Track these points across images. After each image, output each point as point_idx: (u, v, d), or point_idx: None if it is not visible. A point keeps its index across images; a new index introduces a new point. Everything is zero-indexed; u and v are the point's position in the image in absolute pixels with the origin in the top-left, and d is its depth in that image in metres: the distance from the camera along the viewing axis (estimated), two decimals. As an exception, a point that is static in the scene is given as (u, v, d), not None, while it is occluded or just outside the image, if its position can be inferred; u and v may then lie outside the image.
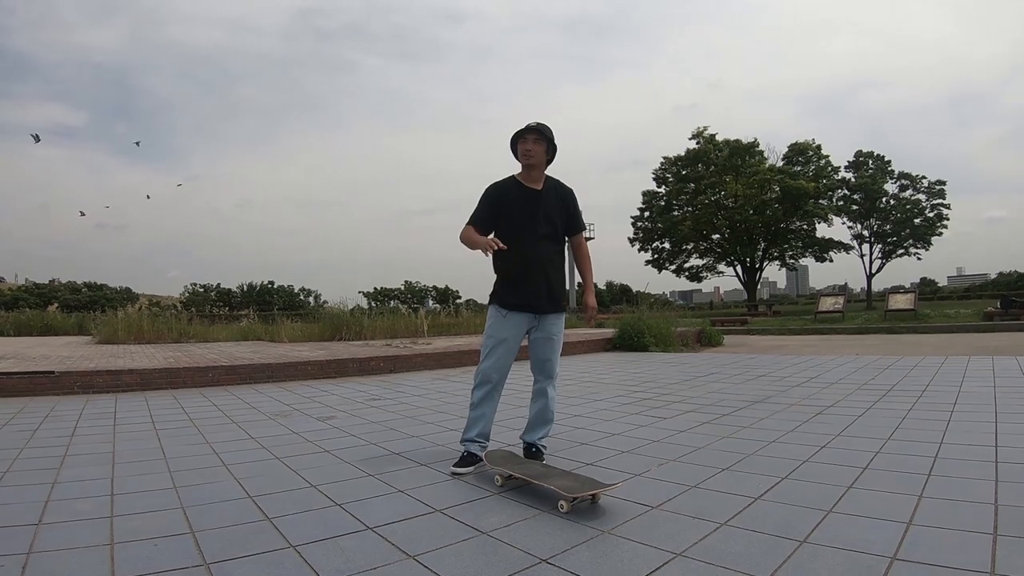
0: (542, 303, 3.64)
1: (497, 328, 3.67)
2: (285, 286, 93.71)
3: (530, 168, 3.70)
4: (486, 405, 3.71)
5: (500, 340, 3.65)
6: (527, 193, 3.70)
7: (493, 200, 3.70)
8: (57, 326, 21.16)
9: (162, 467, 3.72)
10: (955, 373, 7.10)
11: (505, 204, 3.68)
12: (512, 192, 3.70)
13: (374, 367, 9.11)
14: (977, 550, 2.20)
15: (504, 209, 3.67)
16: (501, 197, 3.70)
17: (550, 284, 3.67)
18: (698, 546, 2.35)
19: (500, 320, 3.67)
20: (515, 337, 3.67)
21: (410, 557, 2.31)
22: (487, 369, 3.68)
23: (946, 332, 17.42)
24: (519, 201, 3.67)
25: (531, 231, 3.63)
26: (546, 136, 3.68)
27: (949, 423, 4.39)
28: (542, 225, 3.67)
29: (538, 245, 3.64)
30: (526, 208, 3.66)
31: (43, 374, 6.96)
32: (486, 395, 3.70)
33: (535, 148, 3.66)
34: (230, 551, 2.38)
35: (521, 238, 3.62)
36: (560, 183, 3.86)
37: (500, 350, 3.66)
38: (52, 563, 2.28)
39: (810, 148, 48.77)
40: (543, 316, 3.67)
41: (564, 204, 3.81)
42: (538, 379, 3.77)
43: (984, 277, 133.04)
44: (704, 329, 15.46)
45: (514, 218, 3.65)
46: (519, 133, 3.69)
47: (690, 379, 7.62)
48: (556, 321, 3.73)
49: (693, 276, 54.22)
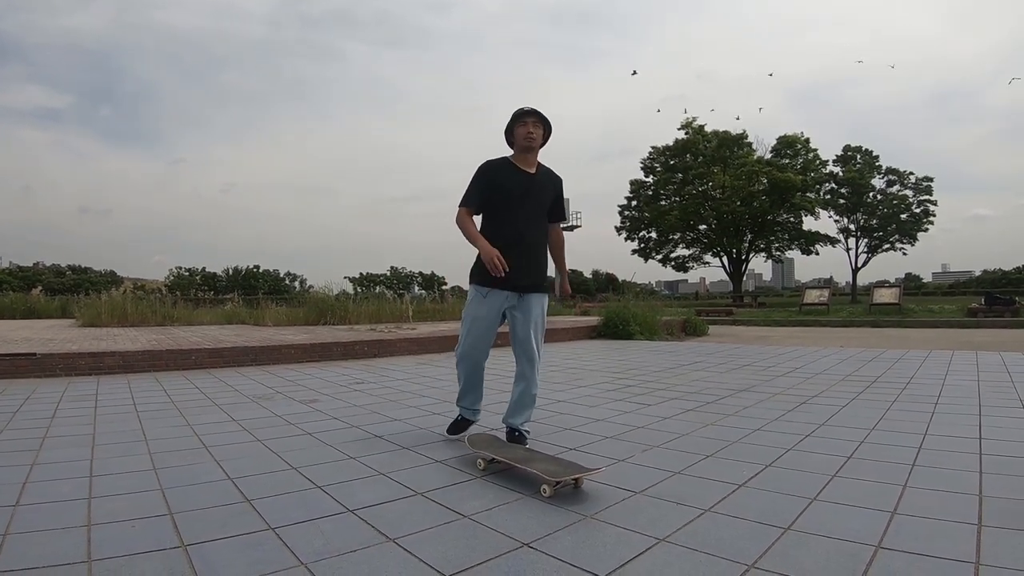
0: (522, 281, 3.63)
1: (476, 306, 3.69)
2: (271, 270, 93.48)
3: (528, 151, 3.69)
4: (471, 379, 3.80)
5: (477, 317, 3.68)
6: (521, 176, 3.69)
7: (487, 179, 3.69)
8: (41, 309, 20.90)
9: (142, 449, 3.67)
10: (939, 367, 7.14)
11: (498, 183, 3.66)
12: (505, 172, 3.69)
13: (358, 351, 9.06)
14: (962, 540, 2.20)
15: (496, 188, 3.66)
16: (495, 176, 3.68)
17: (531, 264, 3.66)
18: (681, 531, 2.34)
19: (479, 298, 3.67)
20: (494, 315, 3.67)
21: (390, 540, 2.28)
22: (466, 347, 3.73)
23: (930, 327, 17.57)
24: (513, 182, 3.66)
25: (520, 213, 3.63)
26: (544, 119, 3.68)
27: (933, 415, 4.41)
28: (531, 208, 3.67)
29: (525, 226, 3.62)
30: (518, 189, 3.65)
31: (25, 356, 6.87)
32: (469, 370, 3.77)
33: (536, 131, 3.66)
34: (208, 533, 2.35)
35: (509, 218, 3.62)
36: (551, 170, 3.86)
37: (478, 327, 3.68)
38: (28, 544, 2.24)
39: (798, 141, 48.86)
40: (523, 296, 3.66)
41: (554, 191, 3.82)
42: (519, 361, 3.76)
43: (968, 274, 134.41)
44: (689, 319, 15.50)
45: (505, 198, 3.64)
46: (518, 116, 3.66)
47: (675, 367, 7.62)
48: (537, 301, 3.71)
49: (679, 266, 54.33)
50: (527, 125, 3.64)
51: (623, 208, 54.33)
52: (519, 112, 3.68)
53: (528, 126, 3.64)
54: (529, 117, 3.65)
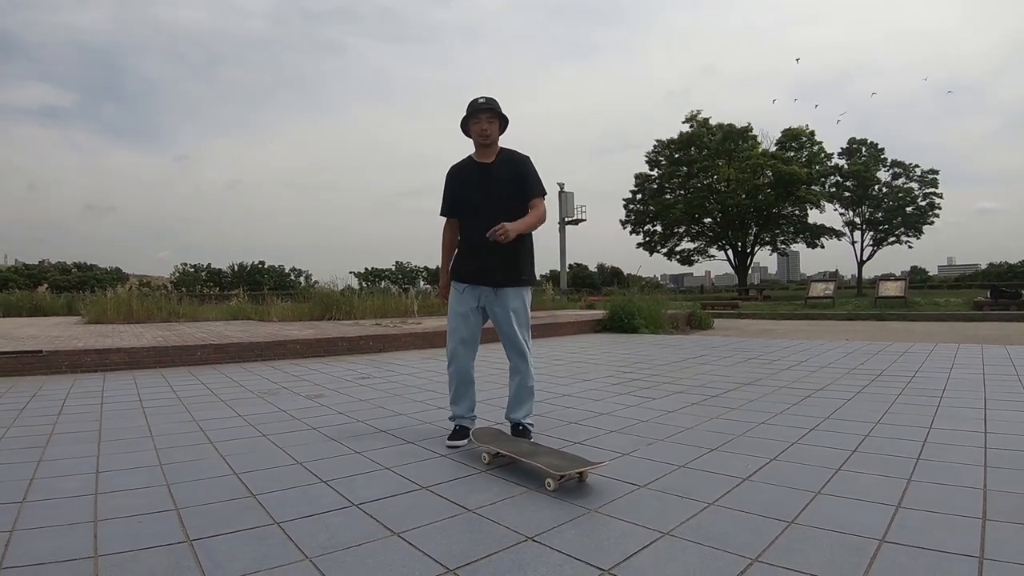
0: (496, 275, 3.62)
1: (454, 302, 3.73)
2: (276, 266, 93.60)
3: (486, 147, 3.68)
4: (462, 382, 3.78)
5: (458, 314, 3.71)
6: (479, 168, 3.69)
7: (451, 183, 3.75)
8: (47, 307, 21.01)
9: (148, 445, 3.69)
10: (944, 360, 7.11)
11: (459, 184, 3.71)
12: (466, 171, 3.73)
13: (363, 346, 9.08)
14: (967, 534, 2.19)
15: (458, 189, 3.70)
16: (456, 178, 3.74)
17: (503, 257, 3.60)
18: (685, 525, 2.34)
19: (457, 295, 3.72)
20: (472, 310, 3.69)
21: (395, 534, 2.29)
22: (453, 346, 3.76)
23: (936, 320, 17.52)
24: (472, 178, 3.68)
25: (484, 206, 3.60)
26: (498, 113, 3.64)
27: (938, 408, 4.39)
28: (495, 199, 3.61)
29: (489, 218, 3.52)
30: (479, 184, 3.65)
31: (31, 353, 6.90)
32: (457, 371, 3.77)
33: (491, 128, 3.64)
34: (214, 528, 2.36)
35: (474, 216, 3.63)
36: (513, 152, 3.77)
37: (460, 324, 3.71)
38: (36, 540, 2.25)
39: (803, 134, 48.74)
40: (500, 289, 3.65)
41: (516, 173, 3.71)
42: (509, 356, 3.77)
43: (974, 267, 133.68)
44: (694, 312, 15.47)
45: (467, 196, 3.67)
46: (472, 112, 3.62)
47: (680, 361, 7.62)
48: (516, 295, 3.69)
49: (684, 259, 54.32)
50: (481, 121, 3.61)
51: (628, 202, 54.30)
52: (473, 107, 3.63)
53: (482, 122, 3.61)
54: (483, 113, 3.61)
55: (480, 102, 3.62)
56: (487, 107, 3.61)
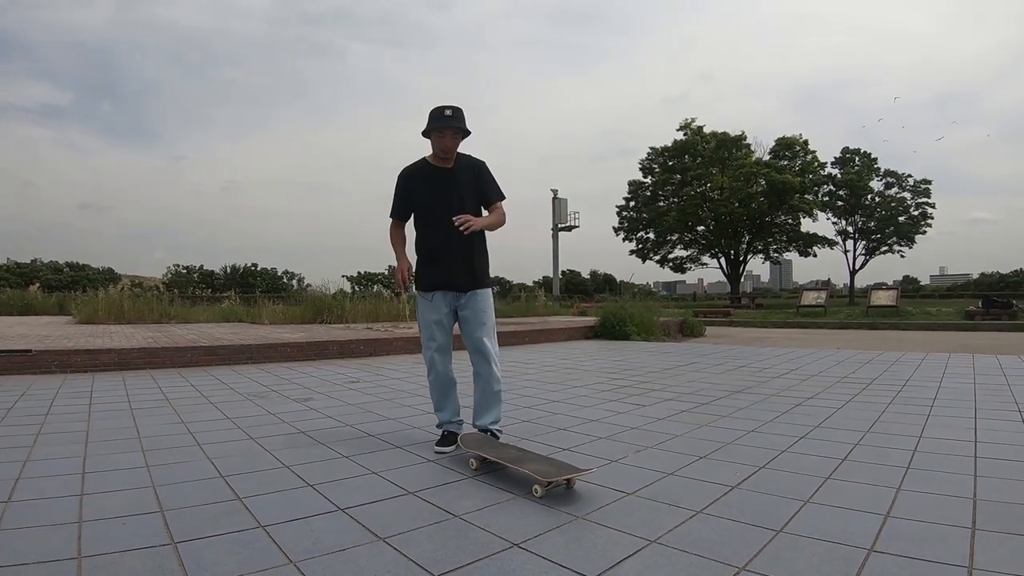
0: (461, 280, 3.61)
1: (425, 311, 3.67)
2: (268, 269, 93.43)
3: (444, 159, 3.65)
4: (443, 390, 3.74)
5: (430, 322, 3.66)
6: (437, 173, 3.64)
7: (405, 186, 3.68)
8: (38, 306, 20.93)
9: (135, 446, 3.67)
10: (935, 369, 7.13)
11: (416, 188, 3.65)
12: (422, 174, 3.66)
13: (354, 350, 9.06)
14: (955, 544, 2.19)
15: (416, 193, 3.65)
16: (412, 181, 3.67)
17: (468, 261, 3.61)
18: (673, 533, 2.33)
19: (426, 303, 3.66)
20: (443, 317, 3.65)
21: (380, 539, 2.28)
22: (430, 355, 3.71)
23: (927, 330, 17.57)
24: (430, 183, 3.63)
25: (444, 211, 3.55)
26: (465, 129, 3.60)
27: (928, 418, 4.40)
28: (455, 205, 3.58)
29: (451, 225, 3.50)
30: (438, 189, 3.61)
31: (20, 353, 6.85)
32: (437, 377, 3.73)
33: (454, 144, 3.61)
34: (199, 530, 2.34)
35: (433, 221, 3.60)
36: (471, 157, 3.76)
37: (434, 332, 3.66)
38: (19, 540, 2.24)
39: (797, 143, 48.89)
40: (466, 294, 3.64)
41: (476, 178, 3.70)
42: (473, 360, 3.71)
43: (966, 277, 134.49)
44: (686, 320, 15.48)
45: (426, 200, 3.62)
46: (437, 126, 3.53)
47: (671, 368, 7.62)
48: (482, 298, 3.68)
49: (677, 267, 54.37)
50: (446, 137, 3.55)
51: (621, 209, 54.35)
52: (440, 120, 3.52)
53: (447, 138, 3.56)
54: (449, 129, 3.54)
55: (447, 114, 3.52)
56: (455, 124, 3.54)
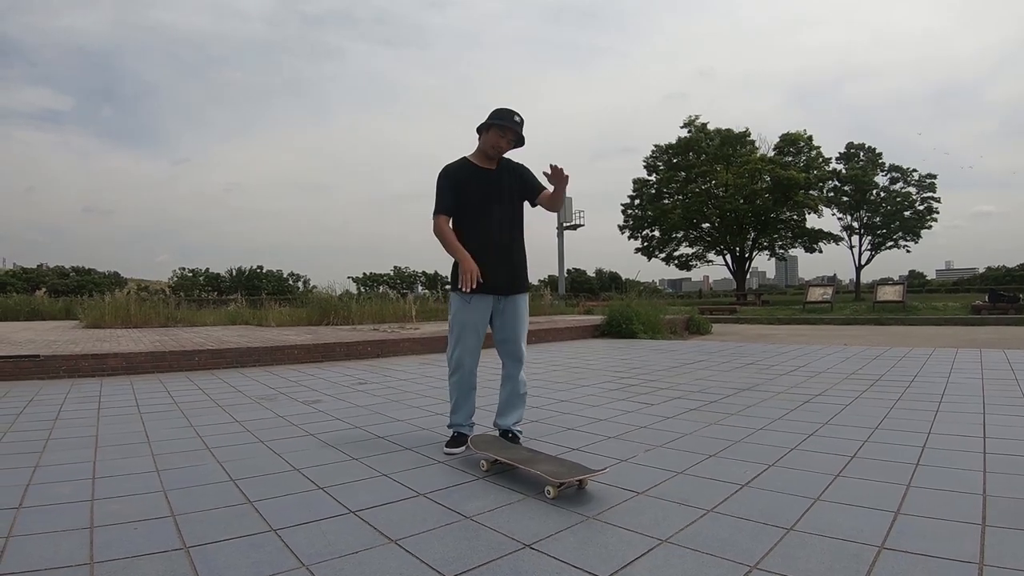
0: (503, 285, 3.60)
1: (461, 313, 3.62)
2: (274, 271, 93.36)
3: (490, 159, 3.65)
4: (465, 391, 3.71)
5: (465, 325, 3.61)
6: (482, 174, 3.63)
7: (455, 183, 3.61)
8: (44, 311, 20.97)
9: (145, 450, 3.68)
10: (943, 365, 7.12)
11: (462, 187, 3.60)
12: (466, 174, 3.62)
13: (361, 351, 9.07)
14: (966, 540, 2.18)
15: (461, 193, 3.60)
16: (457, 179, 3.61)
17: (511, 265, 3.62)
18: (684, 532, 2.33)
19: (464, 305, 3.61)
20: (480, 320, 3.62)
21: (392, 541, 2.28)
22: (458, 356, 3.66)
23: (934, 324, 17.53)
24: (475, 183, 3.60)
25: (489, 213, 3.57)
26: (522, 139, 3.63)
27: (937, 413, 4.39)
28: (500, 206, 3.60)
29: (497, 227, 3.56)
30: (482, 189, 3.59)
31: (28, 358, 6.88)
32: (461, 380, 3.69)
33: (506, 147, 3.62)
34: (211, 535, 2.35)
35: (478, 221, 3.58)
36: (510, 160, 3.75)
37: (467, 335, 3.62)
38: (31, 546, 2.24)
39: (801, 139, 48.72)
40: (506, 298, 3.63)
41: (520, 179, 3.71)
42: (506, 363, 3.74)
43: (972, 271, 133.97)
44: (693, 317, 15.50)
45: (472, 201, 3.59)
46: (501, 125, 3.55)
47: (678, 366, 7.61)
48: (520, 302, 3.68)
49: (683, 264, 54.23)
50: (504, 140, 3.58)
51: (626, 207, 54.24)
52: (508, 119, 3.57)
53: (503, 142, 3.58)
54: (511, 131, 3.56)
55: (516, 120, 3.57)
56: (519, 134, 3.59)
